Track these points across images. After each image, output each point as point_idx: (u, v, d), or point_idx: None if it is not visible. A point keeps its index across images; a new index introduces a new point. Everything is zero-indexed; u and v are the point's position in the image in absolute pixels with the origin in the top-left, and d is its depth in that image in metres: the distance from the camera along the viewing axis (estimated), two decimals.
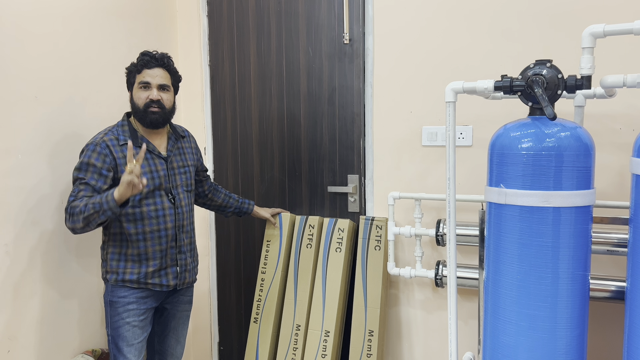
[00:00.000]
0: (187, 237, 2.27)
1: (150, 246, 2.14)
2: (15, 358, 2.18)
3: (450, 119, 1.81)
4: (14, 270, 2.16)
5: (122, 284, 2.13)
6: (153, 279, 2.15)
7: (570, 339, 1.66)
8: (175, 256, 2.21)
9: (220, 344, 3.14)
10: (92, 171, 2.04)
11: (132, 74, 2.18)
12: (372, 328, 2.49)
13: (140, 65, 2.15)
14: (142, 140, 2.15)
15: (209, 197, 2.56)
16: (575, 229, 1.64)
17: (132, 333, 2.14)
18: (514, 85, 1.70)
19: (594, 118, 2.20)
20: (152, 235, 2.14)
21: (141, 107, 2.13)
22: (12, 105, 2.14)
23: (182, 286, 2.26)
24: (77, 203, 1.99)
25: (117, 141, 2.11)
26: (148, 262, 2.14)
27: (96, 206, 1.93)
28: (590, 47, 1.64)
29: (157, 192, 2.16)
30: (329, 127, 2.73)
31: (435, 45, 2.45)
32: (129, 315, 2.13)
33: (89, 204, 1.95)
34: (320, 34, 2.71)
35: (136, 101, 2.15)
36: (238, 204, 2.62)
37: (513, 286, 1.68)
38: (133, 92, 2.17)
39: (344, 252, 2.58)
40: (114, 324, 2.14)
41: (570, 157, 1.60)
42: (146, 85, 2.13)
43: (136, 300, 2.14)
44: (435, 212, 2.53)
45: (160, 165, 2.18)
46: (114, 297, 2.14)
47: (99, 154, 2.06)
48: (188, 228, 2.27)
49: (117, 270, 2.13)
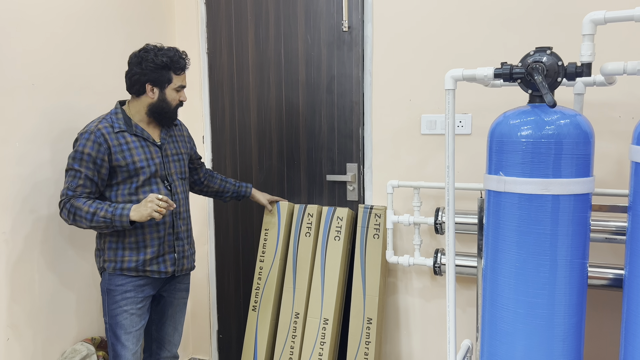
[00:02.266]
0: (184, 224, 2.27)
1: (148, 233, 2.14)
2: (15, 346, 2.19)
3: (450, 107, 1.81)
4: (12, 258, 2.16)
5: (120, 272, 2.13)
6: (151, 266, 2.16)
7: (568, 326, 1.66)
8: (172, 243, 2.22)
9: (219, 332, 3.15)
10: (86, 160, 2.04)
11: (168, 72, 2.13)
12: (370, 316, 2.50)
13: (182, 69, 2.17)
14: (137, 128, 2.15)
15: (205, 184, 2.56)
16: (574, 216, 1.64)
17: (130, 321, 2.15)
18: (513, 72, 1.70)
19: (593, 106, 2.19)
20: (150, 223, 2.13)
21: (173, 107, 2.19)
22: (9, 93, 2.13)
23: (180, 273, 2.26)
24: (79, 204, 2.02)
25: (112, 129, 2.10)
26: (146, 249, 2.14)
27: (107, 221, 2.01)
28: (591, 34, 1.63)
29: (153, 180, 2.15)
30: (327, 116, 2.72)
31: (435, 33, 2.44)
32: (127, 304, 2.14)
33: (99, 217, 2.00)
34: (318, 21, 2.69)
35: (170, 101, 2.17)
36: (235, 187, 2.62)
37: (511, 274, 1.69)
38: (167, 91, 2.15)
39: (343, 241, 2.58)
40: (112, 312, 2.14)
41: (569, 144, 1.60)
42: (182, 87, 2.20)
43: (134, 289, 2.15)
44: (434, 201, 2.53)
45: (155, 152, 2.18)
46: (112, 285, 2.14)
47: (94, 142, 2.05)
48: (184, 215, 2.28)
49: (115, 259, 2.13)
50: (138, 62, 2.12)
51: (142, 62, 2.11)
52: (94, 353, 2.40)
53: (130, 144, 2.11)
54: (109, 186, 2.12)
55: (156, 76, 2.12)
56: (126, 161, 2.09)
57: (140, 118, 2.18)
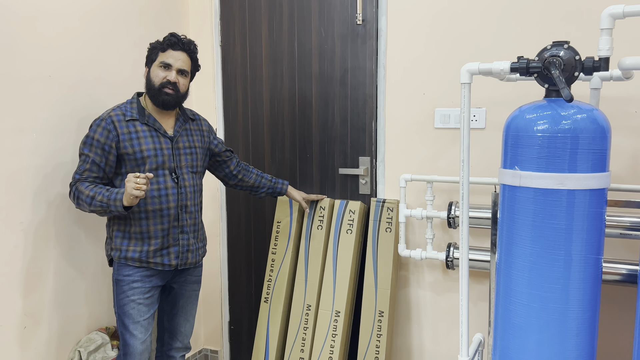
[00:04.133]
0: (191, 218, 2.25)
1: (152, 225, 2.15)
2: (31, 334, 2.22)
3: (465, 101, 1.80)
4: (29, 247, 2.19)
5: (125, 262, 2.15)
6: (155, 258, 2.17)
7: (582, 321, 1.66)
8: (177, 236, 2.21)
9: (230, 323, 3.18)
10: (95, 146, 2.09)
11: (155, 51, 2.18)
12: (382, 309, 2.51)
13: (167, 45, 2.16)
14: (149, 118, 2.17)
15: (240, 177, 2.52)
16: (589, 211, 1.63)
17: (137, 311, 2.17)
18: (530, 66, 1.69)
19: (609, 101, 2.18)
20: (155, 214, 2.15)
21: (157, 85, 2.15)
22: (26, 84, 2.15)
23: (184, 266, 2.24)
24: (82, 188, 2.06)
25: (124, 117, 2.13)
26: (150, 240, 2.16)
27: (103, 205, 2.03)
28: (609, 28, 1.62)
29: (161, 172, 2.16)
30: (340, 109, 2.73)
31: (449, 27, 2.43)
32: (134, 293, 2.16)
33: (96, 201, 2.03)
34: (332, 14, 2.69)
35: (153, 79, 2.16)
36: (271, 183, 2.58)
37: (525, 268, 1.69)
38: (151, 69, 2.17)
39: (355, 234, 2.59)
40: (120, 302, 2.17)
41: (586, 139, 1.59)
42: (167, 65, 2.15)
43: (141, 279, 2.17)
44: (447, 195, 2.53)
45: (166, 144, 2.19)
46: (120, 275, 2.16)
47: (104, 129, 2.10)
48: (192, 209, 2.26)
49: (121, 248, 2.16)
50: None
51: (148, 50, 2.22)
52: (108, 342, 2.43)
53: (140, 133, 2.14)
54: (117, 174, 2.15)
55: (148, 56, 2.20)
56: (134, 149, 2.11)
57: (152, 108, 2.20)
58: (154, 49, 2.19)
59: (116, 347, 2.47)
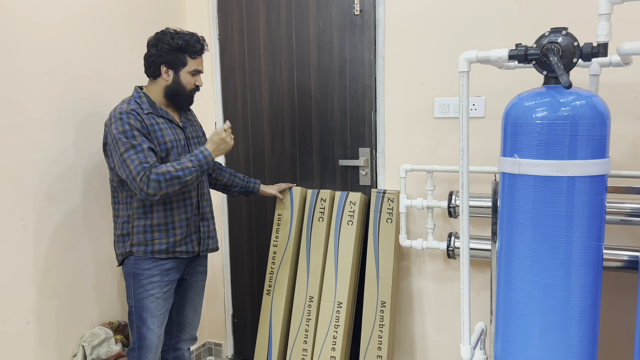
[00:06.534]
0: (208, 205, 2.34)
1: (176, 215, 2.18)
2: (34, 330, 2.23)
3: (464, 89, 1.80)
4: (31, 243, 2.20)
5: (151, 255, 2.15)
6: (180, 247, 2.20)
7: (584, 307, 1.66)
8: (198, 223, 2.27)
9: (233, 316, 3.19)
10: (138, 135, 2.04)
11: (183, 55, 2.14)
12: (384, 299, 2.51)
13: (200, 52, 2.18)
14: (161, 110, 2.19)
15: (214, 176, 2.56)
16: (590, 198, 1.63)
17: (156, 305, 2.18)
18: (528, 53, 1.68)
19: (608, 87, 2.17)
20: (179, 205, 2.18)
21: (188, 91, 2.20)
22: (24, 80, 2.15)
23: (204, 252, 2.32)
24: (164, 170, 2.01)
25: (142, 110, 2.12)
26: (175, 230, 2.18)
27: (197, 169, 2.07)
28: (607, 13, 1.61)
29: None
30: (339, 100, 2.72)
31: (447, 16, 2.42)
32: (153, 287, 2.17)
33: (189, 169, 2.05)
34: (330, 5, 2.67)
35: (185, 85, 2.18)
36: (244, 183, 2.62)
37: (526, 255, 1.69)
38: (181, 74, 2.16)
39: (356, 225, 2.59)
40: (138, 296, 2.17)
41: (585, 125, 1.59)
42: (198, 72, 2.20)
43: (160, 273, 2.18)
44: (447, 185, 2.53)
45: (181, 134, 2.22)
46: (137, 269, 2.17)
47: (135, 119, 2.05)
48: (207, 196, 2.34)
49: (146, 242, 2.15)
50: (155, 43, 2.14)
51: (158, 44, 2.13)
52: (112, 337, 2.44)
53: (160, 125, 2.14)
54: None
55: (171, 58, 2.13)
56: (158, 141, 2.11)
57: (160, 101, 2.20)
58: (179, 51, 2.13)
59: (120, 341, 2.48)
